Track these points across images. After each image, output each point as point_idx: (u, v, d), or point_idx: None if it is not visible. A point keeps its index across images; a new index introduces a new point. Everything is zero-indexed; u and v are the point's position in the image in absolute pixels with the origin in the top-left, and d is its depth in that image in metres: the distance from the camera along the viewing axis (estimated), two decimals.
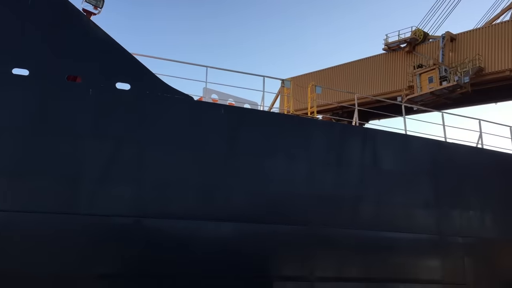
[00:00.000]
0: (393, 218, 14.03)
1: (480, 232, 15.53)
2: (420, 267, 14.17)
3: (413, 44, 40.84)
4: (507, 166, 17.15)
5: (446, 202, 15.10)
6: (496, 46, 35.75)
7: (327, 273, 12.83)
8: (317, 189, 13.28)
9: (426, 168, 15.22)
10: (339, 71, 46.53)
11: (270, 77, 14.54)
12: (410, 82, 39.18)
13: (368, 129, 16.69)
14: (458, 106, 37.47)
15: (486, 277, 15.17)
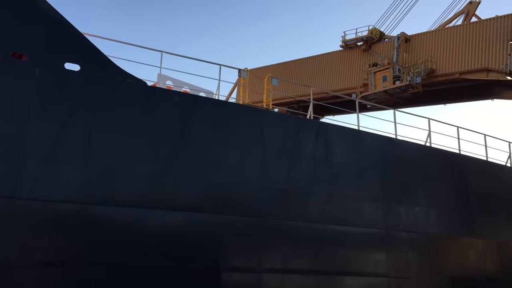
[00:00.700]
0: (342, 212, 14.21)
1: (425, 228, 16.00)
2: (367, 260, 14.45)
3: (370, 43, 41.59)
4: (453, 164, 17.76)
5: (394, 198, 15.45)
6: (448, 49, 36.94)
7: (275, 264, 12.85)
8: (269, 181, 13.24)
9: (376, 163, 15.50)
10: (298, 65, 46.84)
11: (226, 66, 14.36)
12: (365, 80, 39.92)
13: (322, 123, 16.83)
14: (409, 105, 38.53)
15: (430, 272, 15.66)
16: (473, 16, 38.01)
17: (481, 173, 18.59)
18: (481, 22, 36.84)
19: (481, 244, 17.29)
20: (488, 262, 17.43)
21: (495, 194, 18.56)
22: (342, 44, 43.23)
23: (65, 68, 11.38)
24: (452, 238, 16.66)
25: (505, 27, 34.29)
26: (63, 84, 11.29)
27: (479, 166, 18.62)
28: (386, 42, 41.53)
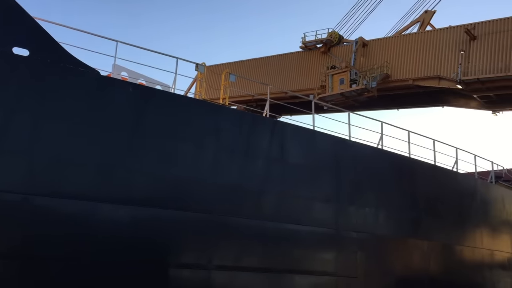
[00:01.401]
0: (294, 211, 14.29)
1: (374, 228, 16.33)
2: (316, 259, 14.60)
3: (329, 46, 42.20)
4: (403, 167, 18.23)
5: (345, 198, 15.69)
6: (403, 56, 37.98)
7: (225, 262, 12.76)
8: (223, 177, 13.15)
9: (330, 164, 15.69)
10: (257, 64, 46.93)
11: (183, 59, 14.11)
12: (322, 81, 40.46)
13: (278, 121, 16.85)
14: (365, 109, 39.36)
15: (376, 271, 16.00)
16: (428, 25, 39.23)
17: (429, 176, 19.18)
18: (435, 31, 38.11)
19: (426, 246, 17.84)
20: (432, 263, 18.02)
21: (442, 197, 19.19)
22: (301, 45, 43.65)
23: (13, 52, 10.87)
24: (399, 239, 17.09)
25: (457, 37, 35.59)
26: (9, 69, 10.77)
27: (427, 170, 19.21)
28: (344, 45, 42.25)
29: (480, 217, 20.99)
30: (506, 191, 23.53)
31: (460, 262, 19.45)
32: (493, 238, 21.34)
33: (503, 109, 37.84)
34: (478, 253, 20.17)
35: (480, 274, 20.31)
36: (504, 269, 21.79)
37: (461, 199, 20.26)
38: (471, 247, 19.89)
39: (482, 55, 34.02)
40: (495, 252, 21.10)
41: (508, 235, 22.49)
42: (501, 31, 33.76)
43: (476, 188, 21.39)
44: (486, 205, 21.57)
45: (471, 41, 34.66)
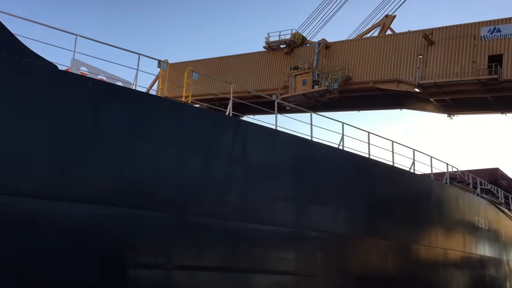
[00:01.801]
0: (256, 210, 14.29)
1: (334, 228, 16.54)
2: (277, 258, 14.65)
3: (292, 46, 42.56)
4: (363, 168, 18.56)
5: (306, 198, 15.81)
6: (364, 58, 38.73)
7: (185, 261, 12.62)
8: (183, 176, 13.00)
9: (291, 163, 15.79)
10: (221, 62, 46.80)
11: (145, 56, 13.85)
12: (285, 82, 40.77)
13: (241, 120, 16.84)
14: (327, 110, 39.86)
15: (336, 270, 16.22)
16: (388, 29, 40.16)
17: (387, 177, 19.61)
18: (395, 35, 39.05)
19: (384, 245, 18.22)
20: (389, 262, 18.43)
21: (399, 197, 19.66)
22: (265, 46, 43.84)
23: None
24: (358, 239, 17.38)
25: (416, 42, 36.59)
26: None
27: (386, 170, 19.64)
28: (307, 47, 42.70)
29: (435, 217, 21.64)
30: (459, 191, 24.35)
31: (416, 261, 19.98)
32: (447, 237, 22.04)
33: (458, 112, 39.19)
34: (433, 252, 20.78)
35: (435, 273, 20.93)
36: (457, 268, 22.54)
37: (418, 199, 20.81)
38: (426, 246, 20.46)
39: (439, 59, 35.11)
40: (449, 251, 21.80)
41: (461, 234, 23.28)
42: (457, 37, 34.94)
43: (432, 189, 22.03)
44: (441, 205, 22.25)
45: (429, 46, 35.72)
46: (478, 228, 24.65)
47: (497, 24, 33.71)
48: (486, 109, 37.46)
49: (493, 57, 32.82)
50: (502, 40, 33.12)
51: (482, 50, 33.58)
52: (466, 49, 34.24)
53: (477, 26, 34.46)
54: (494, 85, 32.52)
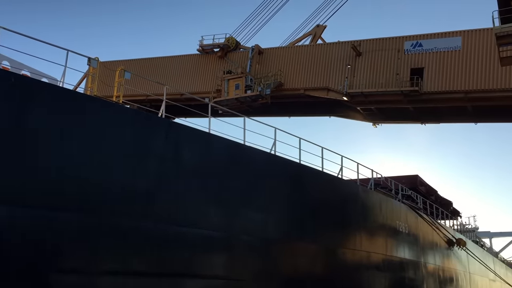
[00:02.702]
0: (186, 214, 14.11)
1: (264, 232, 16.69)
2: (207, 262, 14.53)
3: (226, 51, 42.69)
4: (293, 173, 18.92)
5: (237, 202, 15.85)
6: (295, 66, 39.65)
7: (113, 266, 12.19)
8: (112, 177, 12.56)
9: (223, 167, 15.77)
10: (154, 63, 46.02)
11: (74, 52, 13.26)
12: (218, 86, 40.80)
13: (173, 122, 16.56)
14: (259, 115, 40.35)
15: (265, 274, 16.35)
16: (319, 38, 41.36)
17: (316, 182, 20.13)
18: (325, 45, 40.33)
19: (312, 249, 18.66)
20: (316, 266, 18.89)
21: (327, 202, 20.23)
22: (199, 49, 43.66)
23: None
24: (287, 243, 17.65)
25: (345, 52, 38.01)
26: None
27: (315, 176, 20.15)
28: (241, 51, 43.01)
29: (360, 221, 22.49)
30: (383, 197, 25.50)
31: (342, 264, 20.63)
32: (370, 241, 22.96)
33: (382, 121, 41.12)
34: (357, 255, 21.56)
35: (359, 275, 21.73)
36: (379, 270, 23.53)
37: (344, 204, 21.54)
38: (351, 249, 21.20)
39: (366, 70, 36.70)
40: (372, 254, 22.72)
41: (383, 238, 24.35)
42: (383, 49, 36.72)
43: (357, 194, 22.89)
44: (365, 210, 23.16)
45: (357, 56, 37.24)
46: (398, 232, 25.91)
47: (419, 39, 35.83)
48: (408, 119, 39.60)
49: (415, 70, 34.84)
50: (423, 54, 35.23)
51: (405, 63, 35.52)
52: (390, 62, 36.06)
53: (401, 40, 36.42)
54: (415, 97, 34.47)
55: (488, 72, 32.79)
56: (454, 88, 33.57)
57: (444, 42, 34.82)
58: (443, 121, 40.09)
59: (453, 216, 44.44)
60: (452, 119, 38.98)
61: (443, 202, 40.19)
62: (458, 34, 34.74)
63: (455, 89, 33.56)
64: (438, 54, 34.74)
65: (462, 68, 33.62)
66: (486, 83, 32.70)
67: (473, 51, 33.71)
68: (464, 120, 38.35)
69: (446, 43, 34.69)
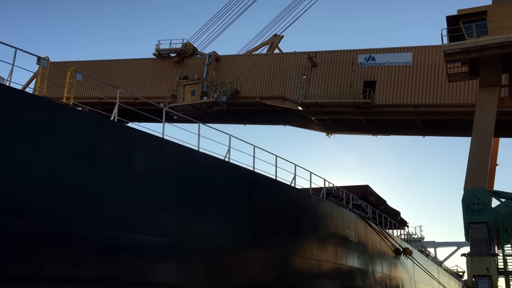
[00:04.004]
0: (137, 220, 13.80)
1: (216, 238, 16.58)
2: (158, 270, 14.25)
3: (182, 56, 42.45)
4: (247, 180, 18.94)
5: (190, 209, 15.67)
6: (252, 74, 39.92)
7: (60, 273, 11.72)
8: (60, 182, 12.12)
9: (177, 173, 15.57)
10: (108, 66, 45.09)
11: (23, 50, 12.73)
12: (174, 91, 40.44)
13: (126, 127, 16.22)
14: (215, 121, 40.26)
15: (218, 282, 16.22)
16: (276, 48, 41.90)
17: (269, 190, 20.22)
18: (282, 54, 40.88)
19: (264, 256, 18.69)
20: (268, 273, 18.93)
21: (280, 210, 20.36)
22: (155, 53, 43.20)
23: None
24: (239, 250, 17.61)
25: (301, 63, 38.65)
26: None
27: (269, 184, 20.25)
28: (198, 58, 42.88)
29: (311, 229, 22.75)
30: (334, 206, 25.92)
31: (293, 272, 20.77)
32: (321, 249, 23.27)
33: (336, 132, 41.98)
34: (308, 263, 21.79)
35: (309, 283, 21.94)
36: (328, 278, 23.86)
37: (297, 212, 21.73)
38: (302, 257, 21.40)
39: (321, 81, 37.45)
40: (322, 262, 23.02)
41: (333, 246, 24.74)
42: (338, 61, 37.61)
43: (310, 203, 23.16)
44: (317, 219, 23.47)
45: (312, 67, 37.94)
46: (348, 241, 26.40)
47: (372, 53, 36.95)
48: (360, 130, 40.61)
49: (368, 83, 35.88)
50: (376, 68, 36.34)
51: (358, 75, 36.51)
52: (345, 74, 36.97)
53: (355, 53, 37.43)
54: (367, 109, 35.45)
55: (437, 88, 34.19)
56: (404, 101, 34.78)
57: (395, 57, 36.06)
58: (394, 133, 41.38)
59: (401, 226, 45.76)
60: (402, 131, 40.30)
61: (391, 212, 41.33)
62: (409, 50, 36.10)
63: (405, 103, 34.77)
64: (389, 68, 35.91)
65: (412, 83, 34.89)
66: (434, 98, 34.07)
67: (423, 67, 35.08)
68: (413, 133, 39.73)
69: (397, 58, 35.94)
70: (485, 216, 26.31)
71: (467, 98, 32.86)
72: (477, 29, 26.10)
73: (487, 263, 25.11)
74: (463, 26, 26.55)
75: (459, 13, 26.88)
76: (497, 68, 27.45)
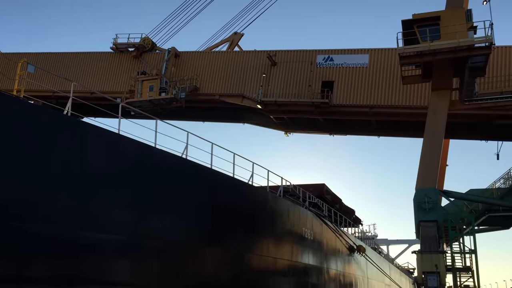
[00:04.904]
0: (91, 217, 13.47)
1: (173, 236, 16.42)
2: (112, 268, 13.97)
3: (141, 51, 41.78)
4: (204, 178, 18.85)
5: (146, 206, 15.45)
6: (212, 71, 39.76)
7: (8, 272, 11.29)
8: (6, 178, 11.65)
9: (133, 170, 15.32)
10: (63, 58, 43.79)
11: None
12: (132, 86, 39.72)
13: (80, 121, 15.77)
14: (173, 118, 39.88)
15: (173, 280, 16.06)
16: (236, 45, 41.87)
17: (227, 188, 20.21)
18: (242, 52, 40.92)
19: (221, 254, 18.67)
20: (225, 271, 18.93)
21: (237, 208, 20.39)
22: (113, 47, 42.33)
23: None
24: (196, 248, 17.51)
25: (261, 61, 38.82)
26: None
27: (227, 181, 20.23)
28: (157, 53, 42.31)
29: (268, 227, 22.92)
30: (291, 204, 26.20)
31: (249, 270, 20.86)
32: (277, 247, 23.48)
33: (294, 131, 42.39)
34: (265, 261, 21.94)
35: (265, 281, 22.10)
36: (284, 276, 24.11)
37: (254, 210, 21.83)
38: (259, 255, 21.52)
39: (280, 80, 37.73)
40: (278, 259, 23.24)
41: (289, 244, 25.02)
42: (297, 61, 38.01)
43: (267, 201, 23.32)
44: (274, 217, 23.66)
45: (272, 66, 38.18)
46: (304, 239, 26.76)
47: (331, 54, 37.56)
48: (318, 129, 41.20)
49: (326, 83, 36.45)
50: (334, 68, 36.97)
51: (317, 75, 37.03)
52: (304, 73, 37.40)
53: (314, 53, 37.93)
54: (325, 108, 36.02)
55: (392, 89, 35.13)
56: (360, 102, 35.56)
57: (353, 58, 36.80)
58: (350, 133, 42.22)
59: (355, 224, 46.77)
60: (358, 131, 41.16)
61: (346, 210, 42.17)
62: (366, 51, 36.91)
63: (361, 104, 35.55)
64: (347, 69, 36.61)
65: (368, 84, 35.70)
66: (389, 99, 35.00)
67: (379, 69, 35.97)
68: (368, 133, 40.66)
69: (355, 59, 36.69)
70: (435, 215, 27.31)
71: (420, 100, 33.94)
72: (430, 34, 27.01)
73: (436, 260, 26.09)
74: (418, 30, 27.41)
75: (414, 17, 27.73)
76: (449, 72, 28.53)
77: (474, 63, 26.84)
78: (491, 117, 32.20)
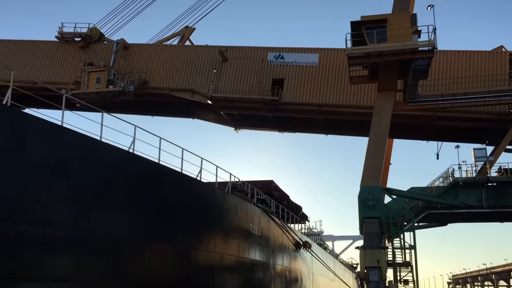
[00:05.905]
0: (30, 211, 12.96)
1: (115, 232, 16.04)
2: (50, 264, 13.50)
3: (88, 41, 40.56)
4: (152, 173, 18.55)
5: (88, 200, 15.02)
6: (162, 65, 39.17)
7: None
8: None
9: (76, 163, 14.85)
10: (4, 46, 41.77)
11: None
12: (78, 77, 38.51)
13: (20, 112, 15.11)
14: (121, 111, 39.00)
15: (114, 276, 15.71)
16: (188, 40, 41.45)
17: (175, 183, 19.98)
18: (193, 47, 40.57)
19: (167, 250, 18.44)
20: (170, 267, 18.72)
21: (185, 204, 20.20)
22: (58, 36, 40.81)
23: None
24: (141, 244, 17.21)
25: (212, 56, 38.65)
26: None
27: (174, 177, 20.00)
28: (105, 44, 41.21)
29: (216, 223, 22.86)
30: (239, 200, 26.26)
31: (196, 266, 20.74)
32: (225, 243, 23.47)
33: (244, 127, 42.56)
34: (212, 257, 21.88)
35: (212, 277, 22.06)
36: (231, 271, 24.16)
37: (202, 206, 21.71)
38: (205, 251, 21.44)
39: (231, 76, 37.72)
40: (225, 255, 23.24)
41: (237, 240, 25.08)
42: (248, 57, 38.12)
43: (215, 197, 23.25)
44: (222, 213, 23.62)
45: (223, 62, 38.09)
46: (252, 235, 26.90)
47: (282, 52, 37.93)
48: (268, 126, 41.55)
49: (276, 80, 36.79)
50: (284, 66, 37.37)
51: (268, 72, 37.30)
52: (254, 70, 37.55)
53: (265, 50, 38.17)
54: (275, 106, 36.37)
55: (340, 89, 35.95)
56: (310, 100, 36.16)
57: (303, 57, 37.33)
58: (299, 131, 42.86)
59: (302, 220, 47.53)
60: (306, 129, 41.86)
61: (293, 207, 42.76)
62: (316, 51, 37.54)
63: (310, 102, 36.14)
64: (297, 67, 37.10)
65: (317, 83, 36.34)
66: (337, 98, 35.80)
67: (328, 68, 36.69)
68: (316, 131, 41.43)
69: (305, 58, 37.23)
70: (378, 212, 28.25)
71: (367, 100, 34.91)
72: (377, 36, 27.82)
73: (378, 255, 27.00)
74: (366, 32, 28.15)
75: (362, 19, 28.46)
76: (394, 74, 29.52)
77: (417, 66, 27.92)
78: (432, 118, 33.63)
